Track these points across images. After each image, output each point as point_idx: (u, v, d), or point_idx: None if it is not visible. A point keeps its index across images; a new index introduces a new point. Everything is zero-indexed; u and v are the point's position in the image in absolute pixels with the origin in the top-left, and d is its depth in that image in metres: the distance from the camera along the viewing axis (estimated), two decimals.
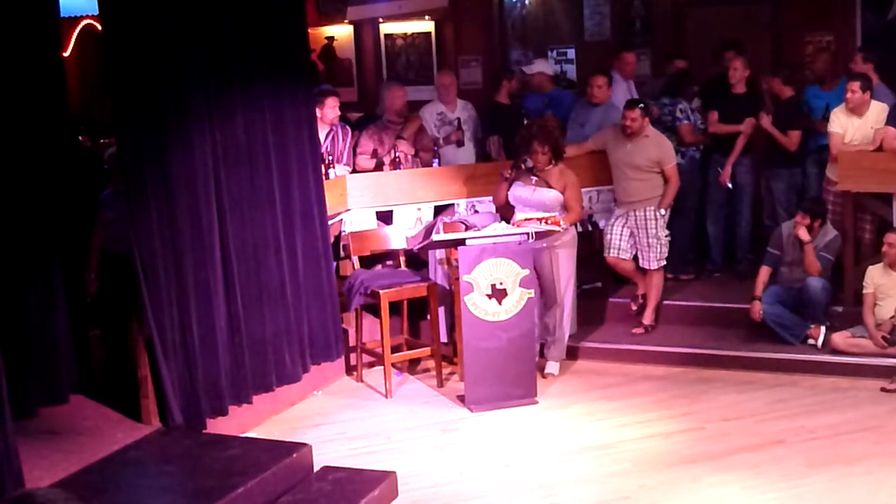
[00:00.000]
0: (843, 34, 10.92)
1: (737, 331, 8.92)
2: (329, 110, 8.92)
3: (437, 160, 9.55)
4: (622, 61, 10.41)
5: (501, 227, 8.21)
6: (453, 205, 9.28)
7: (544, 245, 8.26)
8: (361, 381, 8.65)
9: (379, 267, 9.06)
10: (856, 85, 8.87)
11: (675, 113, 9.80)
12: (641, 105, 8.86)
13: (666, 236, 8.92)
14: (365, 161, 9.27)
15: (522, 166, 8.39)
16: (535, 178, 8.33)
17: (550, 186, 8.31)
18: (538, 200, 8.29)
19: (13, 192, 6.82)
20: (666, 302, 9.31)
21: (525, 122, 9.30)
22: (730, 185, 9.64)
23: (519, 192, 8.36)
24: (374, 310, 8.57)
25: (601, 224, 9.34)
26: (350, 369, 8.78)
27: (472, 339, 7.92)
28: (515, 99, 10.59)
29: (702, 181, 9.82)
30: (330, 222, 8.48)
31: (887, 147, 8.55)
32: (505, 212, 8.57)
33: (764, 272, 8.85)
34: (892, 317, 8.28)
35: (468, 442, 7.44)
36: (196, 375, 7.07)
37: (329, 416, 7.93)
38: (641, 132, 8.82)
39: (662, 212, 8.86)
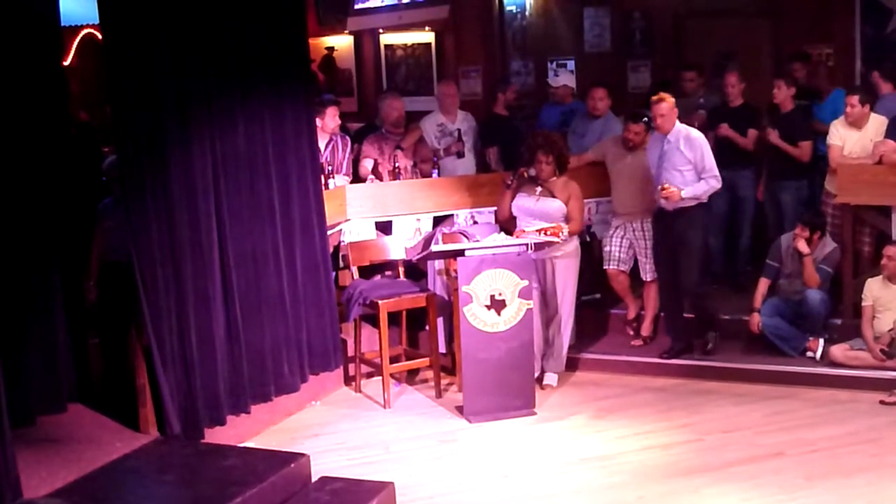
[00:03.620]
0: (842, 46, 10.93)
1: (735, 343, 8.91)
2: (329, 119, 8.95)
3: (436, 171, 9.56)
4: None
5: (501, 238, 8.21)
6: (452, 215, 9.29)
7: (545, 256, 8.27)
8: (360, 391, 8.64)
9: (378, 277, 9.06)
10: (855, 98, 8.87)
11: None
12: (645, 119, 8.86)
13: None
14: (367, 164, 9.30)
15: (525, 175, 8.40)
16: (539, 189, 8.34)
17: (554, 196, 8.32)
18: (542, 210, 8.29)
19: (13, 199, 6.84)
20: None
21: (528, 132, 9.30)
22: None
23: (523, 203, 8.36)
24: (372, 320, 8.56)
25: (599, 235, 9.33)
26: (348, 379, 8.77)
27: (470, 349, 7.92)
28: (513, 110, 10.60)
29: None
30: (329, 232, 8.48)
31: (886, 160, 8.55)
32: (508, 224, 8.55)
33: (763, 284, 8.85)
34: (891, 329, 8.27)
35: (466, 453, 7.43)
36: (194, 385, 7.07)
37: (327, 427, 7.92)
38: (643, 144, 8.83)
39: None
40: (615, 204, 9.03)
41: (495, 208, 8.79)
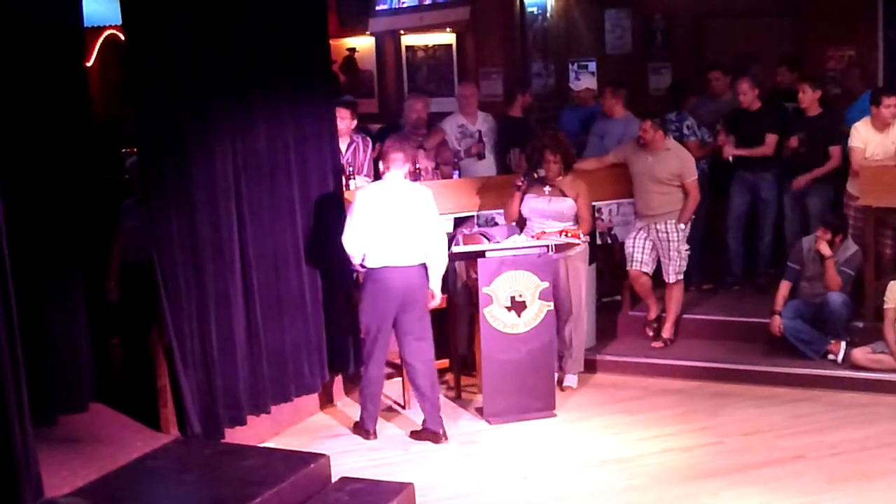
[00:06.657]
0: (865, 48, 10.88)
1: (757, 345, 8.89)
2: (339, 121, 8.90)
3: (457, 172, 9.55)
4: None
5: (521, 240, 8.21)
6: (473, 217, 9.28)
7: (560, 257, 8.26)
8: None
9: None
10: (892, 99, 8.80)
11: (682, 129, 9.75)
12: (655, 118, 8.85)
13: (686, 250, 8.91)
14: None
15: (535, 175, 8.37)
16: (548, 189, 8.32)
17: (565, 195, 8.30)
18: (555, 210, 8.28)
19: (35, 199, 6.87)
20: (685, 316, 9.28)
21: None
22: (730, 159, 9.62)
23: (534, 204, 8.34)
24: None
25: (621, 237, 9.32)
26: None
27: (490, 351, 7.92)
28: (531, 112, 10.57)
29: (710, 194, 9.73)
30: None
31: None
32: (518, 225, 8.54)
33: (784, 287, 8.82)
34: None
35: (486, 454, 7.43)
36: (215, 385, 7.09)
37: (347, 427, 7.93)
38: (663, 145, 8.82)
39: (683, 226, 8.85)
40: (638, 206, 9.02)
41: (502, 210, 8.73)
